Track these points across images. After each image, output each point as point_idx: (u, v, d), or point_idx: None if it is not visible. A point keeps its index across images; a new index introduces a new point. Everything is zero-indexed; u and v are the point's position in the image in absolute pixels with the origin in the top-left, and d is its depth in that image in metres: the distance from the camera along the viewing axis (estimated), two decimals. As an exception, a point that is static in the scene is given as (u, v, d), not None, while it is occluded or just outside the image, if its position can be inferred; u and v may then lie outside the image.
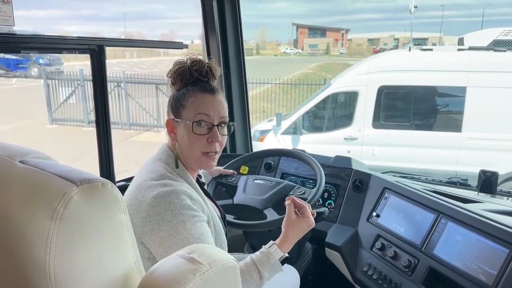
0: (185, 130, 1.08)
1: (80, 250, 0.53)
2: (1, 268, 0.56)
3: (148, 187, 1.02)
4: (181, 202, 0.98)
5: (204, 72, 1.12)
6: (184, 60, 1.13)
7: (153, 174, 1.06)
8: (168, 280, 0.56)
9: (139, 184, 1.04)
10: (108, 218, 0.55)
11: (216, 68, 1.15)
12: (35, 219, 0.52)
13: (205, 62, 1.13)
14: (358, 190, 1.71)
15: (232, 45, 2.16)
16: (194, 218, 0.98)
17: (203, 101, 1.09)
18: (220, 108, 1.11)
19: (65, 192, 0.52)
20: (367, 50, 33.05)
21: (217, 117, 1.10)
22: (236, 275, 0.65)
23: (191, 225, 0.96)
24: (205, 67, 1.12)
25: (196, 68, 1.11)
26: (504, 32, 5.06)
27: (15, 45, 1.28)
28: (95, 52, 1.44)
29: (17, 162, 0.61)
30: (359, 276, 1.52)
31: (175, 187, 1.01)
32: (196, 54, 1.15)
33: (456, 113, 4.94)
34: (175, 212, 0.97)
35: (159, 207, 0.97)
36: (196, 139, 1.08)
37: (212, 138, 1.09)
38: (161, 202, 0.98)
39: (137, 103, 7.76)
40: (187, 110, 1.08)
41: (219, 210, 1.29)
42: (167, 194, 0.99)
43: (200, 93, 1.09)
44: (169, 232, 0.95)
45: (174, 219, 0.96)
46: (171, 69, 1.14)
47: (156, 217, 0.96)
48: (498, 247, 1.18)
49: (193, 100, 1.08)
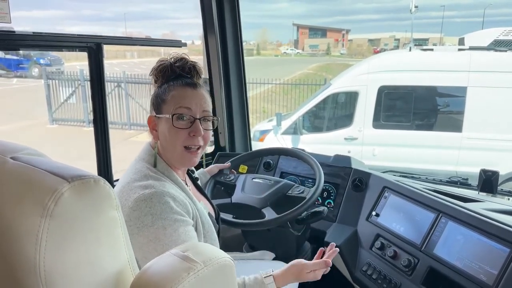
0: (166, 125, 1.05)
1: (72, 248, 0.52)
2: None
3: (130, 190, 0.99)
4: (162, 206, 0.95)
5: (187, 69, 1.10)
6: (167, 58, 1.11)
7: (136, 174, 1.03)
8: (161, 278, 0.55)
9: (122, 187, 1.02)
10: (101, 215, 0.54)
11: (200, 67, 1.13)
12: (26, 216, 0.51)
13: (189, 60, 1.11)
14: (358, 189, 1.70)
15: (232, 45, 2.16)
16: (176, 224, 0.95)
17: (184, 95, 1.06)
18: (202, 102, 1.07)
19: (56, 188, 0.50)
20: (368, 51, 33.04)
21: (199, 111, 1.06)
22: (231, 274, 0.64)
23: (172, 231, 0.93)
24: (188, 64, 1.10)
25: (178, 65, 1.09)
26: (504, 32, 5.05)
27: (13, 42, 1.28)
28: (92, 50, 1.43)
29: (8, 158, 0.60)
30: (358, 276, 1.51)
31: (156, 189, 0.97)
32: (180, 53, 1.12)
33: (456, 113, 4.92)
34: (156, 216, 0.94)
35: (139, 211, 0.94)
36: (177, 133, 1.04)
37: (194, 132, 1.05)
38: (141, 205, 0.95)
39: (138, 103, 7.76)
40: (168, 104, 1.05)
41: (212, 208, 1.27)
42: (148, 197, 0.95)
43: (182, 87, 1.07)
44: (149, 237, 0.92)
45: (155, 224, 0.93)
46: (153, 67, 1.12)
47: (136, 221, 0.94)
48: (499, 246, 1.17)
49: (173, 94, 1.06)
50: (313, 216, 1.46)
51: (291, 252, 1.65)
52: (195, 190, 1.25)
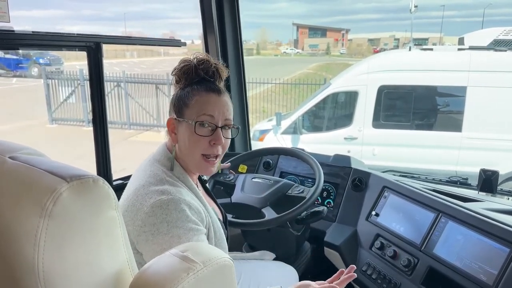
0: (187, 131, 1.03)
1: (70, 248, 0.51)
2: (-9, 266, 0.55)
3: (146, 194, 0.97)
4: (178, 214, 0.94)
5: (211, 72, 1.07)
6: (190, 59, 1.08)
7: (152, 178, 1.01)
8: (160, 278, 0.55)
9: (136, 189, 1.00)
10: (99, 215, 0.54)
11: (223, 69, 1.11)
12: (24, 216, 0.51)
13: (212, 62, 1.08)
14: (358, 189, 1.69)
15: (231, 45, 2.15)
16: (190, 233, 0.93)
17: (208, 101, 1.03)
18: (225, 109, 1.06)
19: (54, 188, 0.50)
20: (368, 50, 33.04)
21: (222, 119, 1.05)
22: (231, 274, 0.63)
23: (186, 241, 0.92)
24: (212, 67, 1.07)
25: (202, 67, 1.06)
26: (504, 32, 5.05)
27: (12, 41, 1.28)
28: (92, 49, 1.43)
29: (7, 158, 0.59)
30: (358, 276, 1.50)
31: (173, 196, 0.96)
32: (203, 54, 1.10)
33: (456, 113, 4.92)
34: (171, 224, 0.92)
35: (155, 217, 0.93)
36: (197, 140, 1.02)
37: (215, 140, 1.03)
38: (158, 212, 0.93)
39: (137, 102, 7.76)
40: (191, 109, 1.03)
41: (220, 212, 1.26)
42: (165, 203, 0.94)
43: (206, 92, 1.04)
44: (162, 245, 0.91)
45: (170, 232, 0.92)
46: (176, 67, 1.09)
47: (152, 227, 0.92)
48: (498, 246, 1.17)
49: (197, 99, 1.03)
50: (313, 216, 1.46)
51: (290, 252, 1.65)
52: (204, 193, 1.23)
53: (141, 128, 7.84)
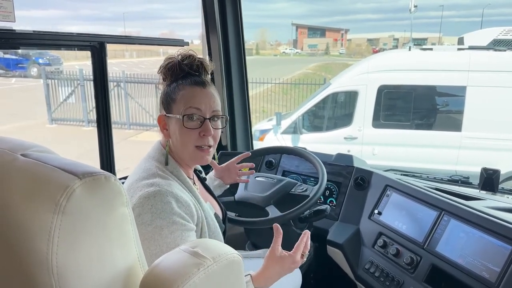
0: (177, 125, 1.06)
1: (83, 244, 0.52)
2: (3, 263, 0.56)
3: (137, 187, 1.00)
4: (164, 205, 0.95)
5: (195, 67, 1.09)
6: (174, 56, 1.11)
7: (145, 173, 1.04)
8: (171, 274, 0.55)
9: (130, 184, 1.03)
10: (111, 211, 0.55)
11: (207, 63, 1.13)
12: (38, 213, 0.51)
13: (196, 57, 1.11)
14: (360, 188, 1.70)
15: (233, 45, 2.16)
16: (173, 226, 0.94)
17: (193, 95, 1.06)
18: (211, 101, 1.07)
19: (67, 185, 0.51)
20: (367, 50, 33.06)
21: (209, 111, 1.07)
22: (239, 270, 0.64)
23: (168, 233, 0.93)
24: (196, 62, 1.10)
25: (186, 62, 1.08)
26: (503, 32, 5.06)
27: (15, 41, 1.28)
28: (96, 49, 1.43)
29: (19, 155, 0.60)
30: (361, 274, 1.52)
31: (161, 188, 0.97)
32: (187, 50, 1.12)
33: (456, 113, 4.93)
34: (155, 215, 0.94)
35: (141, 208, 0.95)
36: (188, 133, 1.05)
37: (205, 131, 1.06)
38: (144, 203, 0.95)
39: (137, 102, 7.75)
40: (178, 104, 1.06)
41: (220, 208, 1.27)
42: (151, 195, 0.96)
43: (191, 86, 1.07)
44: (145, 235, 0.92)
45: (152, 223, 0.93)
46: (162, 65, 1.12)
47: (137, 218, 0.93)
48: (501, 244, 1.18)
49: (183, 94, 1.06)
50: (316, 215, 1.47)
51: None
52: (203, 190, 1.25)
53: (141, 128, 7.84)
